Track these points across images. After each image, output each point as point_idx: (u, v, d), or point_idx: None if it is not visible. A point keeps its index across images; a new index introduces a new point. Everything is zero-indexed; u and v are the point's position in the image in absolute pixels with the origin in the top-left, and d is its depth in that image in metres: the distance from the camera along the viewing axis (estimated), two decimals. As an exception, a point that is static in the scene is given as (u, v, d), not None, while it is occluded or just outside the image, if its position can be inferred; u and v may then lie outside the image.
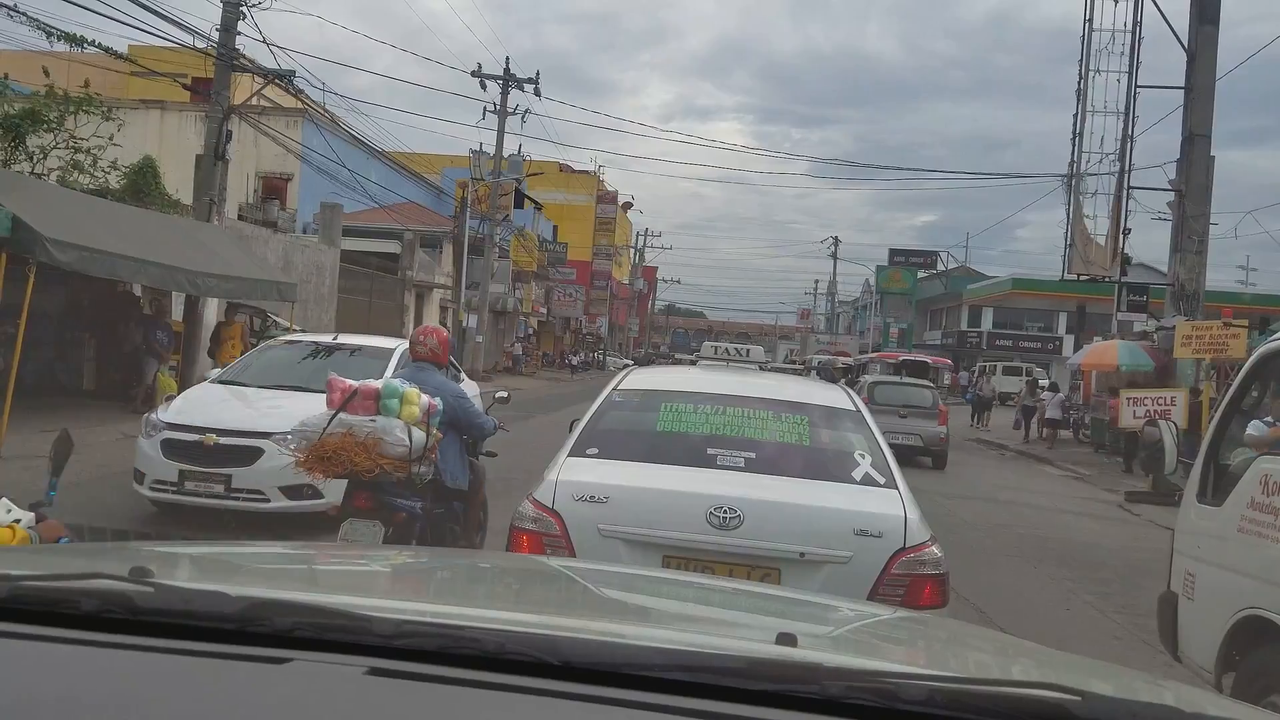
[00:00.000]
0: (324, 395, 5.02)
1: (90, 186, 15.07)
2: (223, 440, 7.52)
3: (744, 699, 1.08)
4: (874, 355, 34.17)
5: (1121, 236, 21.00)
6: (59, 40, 14.19)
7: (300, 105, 24.58)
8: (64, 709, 0.99)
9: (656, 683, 1.10)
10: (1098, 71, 20.95)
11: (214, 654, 1.11)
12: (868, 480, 4.02)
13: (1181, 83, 19.10)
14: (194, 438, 7.57)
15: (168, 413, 8.09)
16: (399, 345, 9.03)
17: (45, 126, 14.29)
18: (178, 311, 16.33)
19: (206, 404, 8.34)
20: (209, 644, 1.13)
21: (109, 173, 15.62)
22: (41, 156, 14.55)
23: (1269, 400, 4.68)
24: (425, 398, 5.01)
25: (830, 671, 1.14)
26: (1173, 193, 19.51)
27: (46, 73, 14.24)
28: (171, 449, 7.62)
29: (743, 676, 1.11)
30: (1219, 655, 4.05)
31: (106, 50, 15.40)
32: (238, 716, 1.00)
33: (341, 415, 4.80)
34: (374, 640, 1.13)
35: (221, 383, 8.98)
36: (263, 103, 23.45)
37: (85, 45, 14.41)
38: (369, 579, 1.98)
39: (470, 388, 9.32)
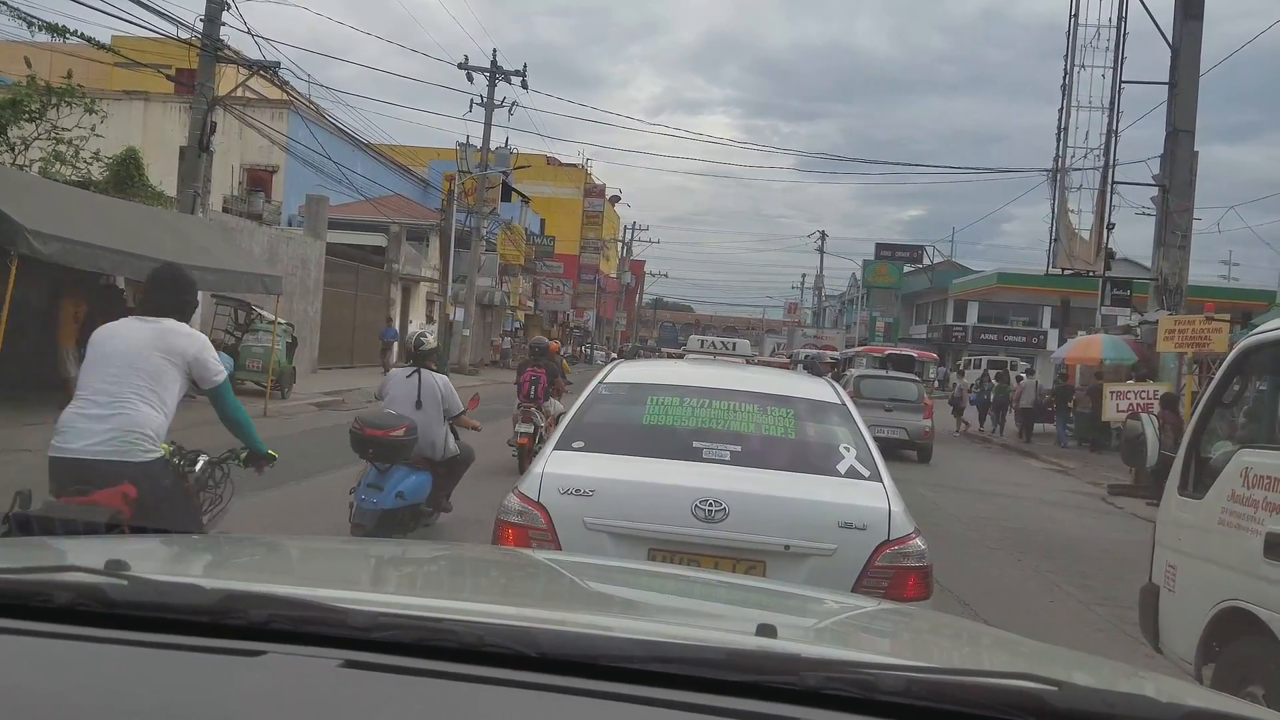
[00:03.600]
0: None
1: (73, 178, 14.93)
2: None
3: (723, 690, 1.08)
4: (860, 349, 34.21)
5: (1105, 231, 21.08)
6: (41, 30, 14.07)
7: (285, 97, 24.44)
8: (36, 703, 0.98)
9: (636, 674, 1.09)
10: (1082, 67, 21.02)
11: (188, 647, 1.10)
12: (852, 473, 4.02)
13: (1166, 78, 19.18)
14: None
15: None
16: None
17: (27, 117, 14.15)
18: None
19: None
20: (184, 637, 1.12)
21: (91, 164, 15.48)
22: (23, 147, 14.42)
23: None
24: None
25: (809, 662, 1.13)
26: (1156, 188, 19.61)
27: (28, 63, 14.09)
28: None
29: (721, 668, 1.10)
30: (1199, 647, 4.07)
31: (89, 41, 15.26)
32: (211, 710, 0.99)
33: None
34: (350, 632, 1.13)
35: None
36: (247, 94, 23.31)
37: (67, 35, 14.28)
38: (347, 570, 1.97)
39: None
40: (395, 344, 27.85)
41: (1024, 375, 29.51)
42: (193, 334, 4.01)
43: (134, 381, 3.73)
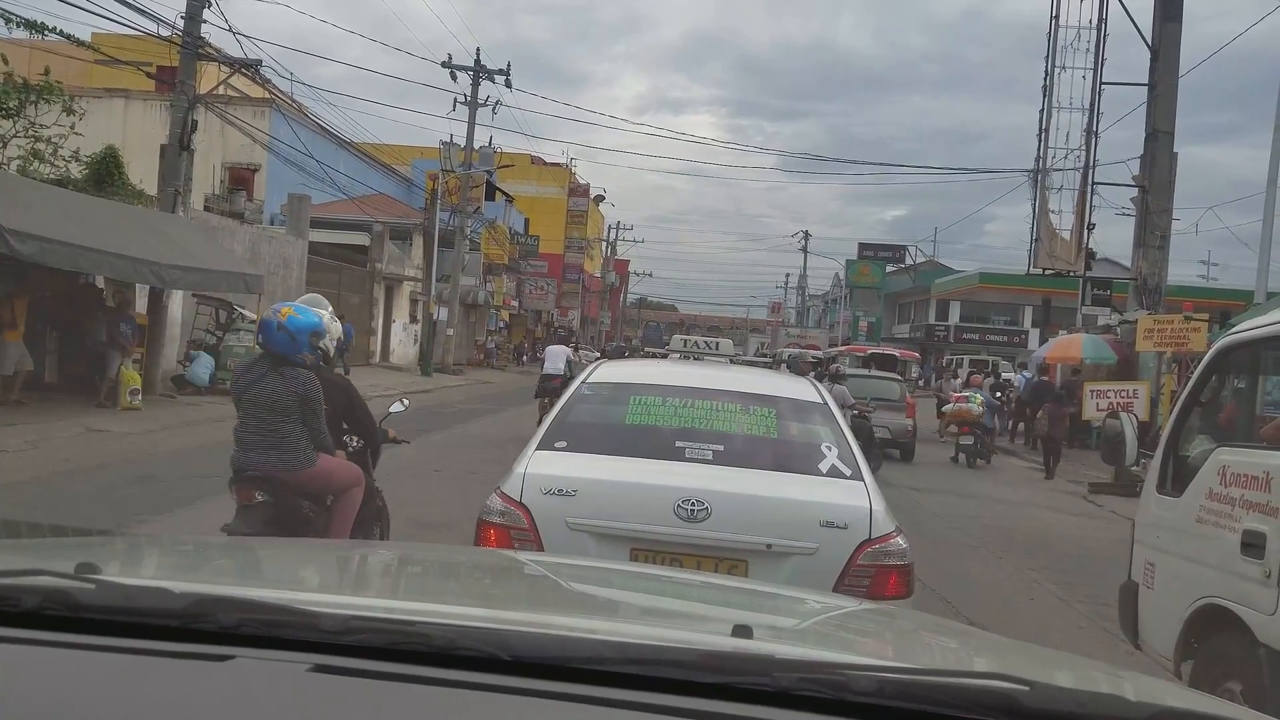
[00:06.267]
0: None
1: (51, 176, 14.79)
2: None
3: (697, 692, 1.08)
4: (843, 349, 34.32)
5: (1086, 231, 21.21)
6: (18, 27, 13.91)
7: (267, 95, 24.28)
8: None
9: (610, 677, 1.09)
10: (1063, 68, 21.12)
11: (156, 651, 1.09)
12: (834, 472, 4.03)
13: (1145, 79, 19.32)
14: None
15: None
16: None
17: (4, 114, 14.00)
18: (141, 304, 16.09)
19: None
20: (152, 641, 1.11)
21: (70, 162, 15.34)
22: (1, 146, 14.26)
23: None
24: None
25: (782, 663, 1.13)
26: (1136, 188, 19.74)
27: (4, 60, 13.93)
28: None
29: (694, 669, 1.10)
30: (1178, 643, 4.11)
31: (68, 38, 15.10)
32: (178, 716, 0.97)
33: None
34: (321, 636, 1.11)
35: None
36: (229, 92, 23.14)
37: (46, 32, 14.12)
38: (321, 573, 1.95)
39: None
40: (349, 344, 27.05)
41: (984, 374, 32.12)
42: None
43: None
